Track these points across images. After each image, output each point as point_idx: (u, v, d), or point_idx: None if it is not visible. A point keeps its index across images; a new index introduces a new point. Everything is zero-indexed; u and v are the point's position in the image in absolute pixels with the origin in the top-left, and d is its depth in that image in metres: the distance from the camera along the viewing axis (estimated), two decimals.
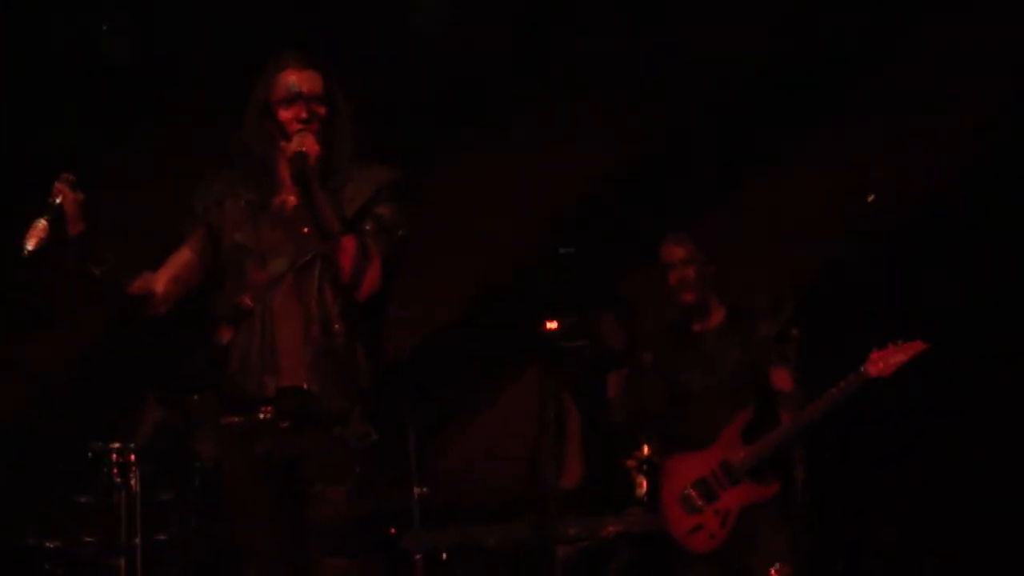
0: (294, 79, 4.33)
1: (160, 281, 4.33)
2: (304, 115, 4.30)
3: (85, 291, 4.25)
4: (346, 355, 4.25)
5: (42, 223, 4.03)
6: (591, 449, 6.72)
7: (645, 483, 6.02)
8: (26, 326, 7.02)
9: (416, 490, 6.39)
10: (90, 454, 6.46)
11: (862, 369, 5.50)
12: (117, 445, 6.42)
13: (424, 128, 7.11)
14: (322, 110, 4.33)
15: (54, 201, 4.08)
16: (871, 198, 6.29)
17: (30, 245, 4.00)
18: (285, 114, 4.32)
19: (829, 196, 6.94)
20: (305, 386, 4.21)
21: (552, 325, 6.19)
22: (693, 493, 5.68)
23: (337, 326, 4.24)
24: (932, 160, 6.96)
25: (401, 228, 4.30)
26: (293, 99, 4.31)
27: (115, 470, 6.38)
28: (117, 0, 7.10)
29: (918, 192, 6.99)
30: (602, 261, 6.92)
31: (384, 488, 5.85)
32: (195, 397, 6.34)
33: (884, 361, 5.48)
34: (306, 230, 4.26)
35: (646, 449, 5.98)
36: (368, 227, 4.24)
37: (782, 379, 5.70)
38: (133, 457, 6.38)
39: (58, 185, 4.10)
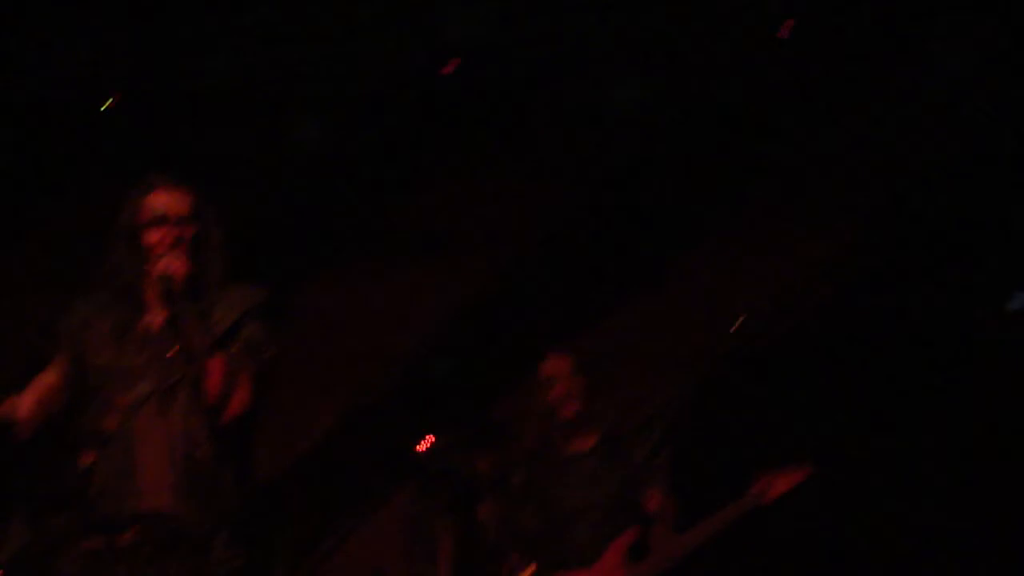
0: (160, 201, 4.31)
1: (24, 406, 4.26)
2: (170, 239, 4.28)
3: None
4: (212, 478, 4.20)
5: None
6: (464, 571, 6.67)
7: None
8: None
9: None
10: None
11: (747, 494, 5.54)
12: None
13: (296, 241, 7.11)
14: (190, 231, 4.31)
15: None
16: (737, 323, 6.38)
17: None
18: (151, 237, 4.29)
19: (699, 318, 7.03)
20: (168, 510, 4.15)
21: (424, 446, 6.18)
22: None
23: (202, 449, 4.20)
24: (803, 279, 7.05)
25: (269, 347, 4.28)
26: (159, 222, 4.29)
27: None
28: None
29: (790, 311, 7.07)
30: (473, 383, 6.94)
31: None
32: (57, 519, 6.21)
33: (767, 487, 5.52)
34: (171, 353, 4.22)
35: (528, 570, 5.96)
36: (234, 349, 4.21)
37: (654, 500, 5.73)
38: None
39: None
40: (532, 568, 5.75)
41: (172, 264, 4.22)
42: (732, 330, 6.43)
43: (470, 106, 6.80)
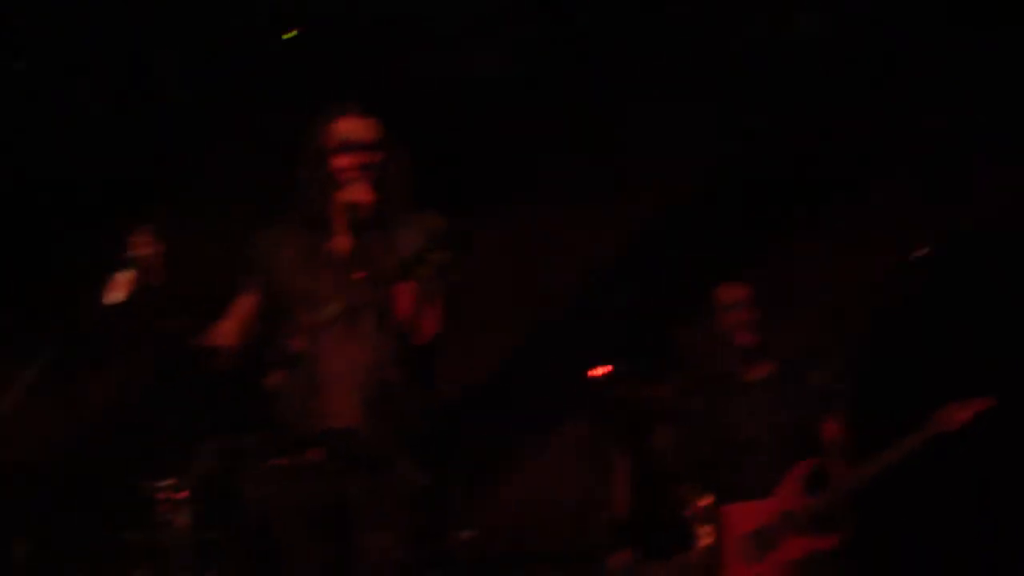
0: (348, 128, 4.40)
1: (227, 332, 4.40)
2: (357, 163, 4.36)
3: (158, 341, 4.31)
4: (397, 399, 4.30)
5: (128, 275, 4.08)
6: (639, 498, 6.70)
7: (704, 532, 5.96)
8: (79, 365, 7.08)
9: (464, 534, 6.40)
10: (140, 492, 6.48)
11: (927, 424, 5.48)
12: (167, 483, 6.45)
13: (472, 175, 7.15)
14: (376, 158, 4.38)
15: (137, 253, 4.14)
16: (920, 251, 6.27)
17: (118, 296, 4.05)
18: (339, 163, 4.38)
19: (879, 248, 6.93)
20: (355, 429, 4.25)
21: (599, 372, 6.20)
22: (752, 543, 5.66)
23: (388, 371, 4.28)
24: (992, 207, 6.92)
25: (455, 273, 4.34)
26: (347, 148, 4.38)
27: (164, 508, 6.40)
28: (175, 37, 7.18)
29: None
30: (649, 310, 6.93)
31: (432, 533, 5.86)
32: (245, 439, 6.38)
33: (949, 416, 5.46)
34: (358, 275, 4.30)
35: (705, 499, 5.94)
36: (423, 274, 4.28)
37: (831, 430, 5.70)
38: (183, 496, 6.41)
39: (139, 237, 4.16)
40: (708, 499, 5.76)
41: (358, 190, 4.31)
42: (915, 256, 6.32)
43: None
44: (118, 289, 4.07)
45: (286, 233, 4.47)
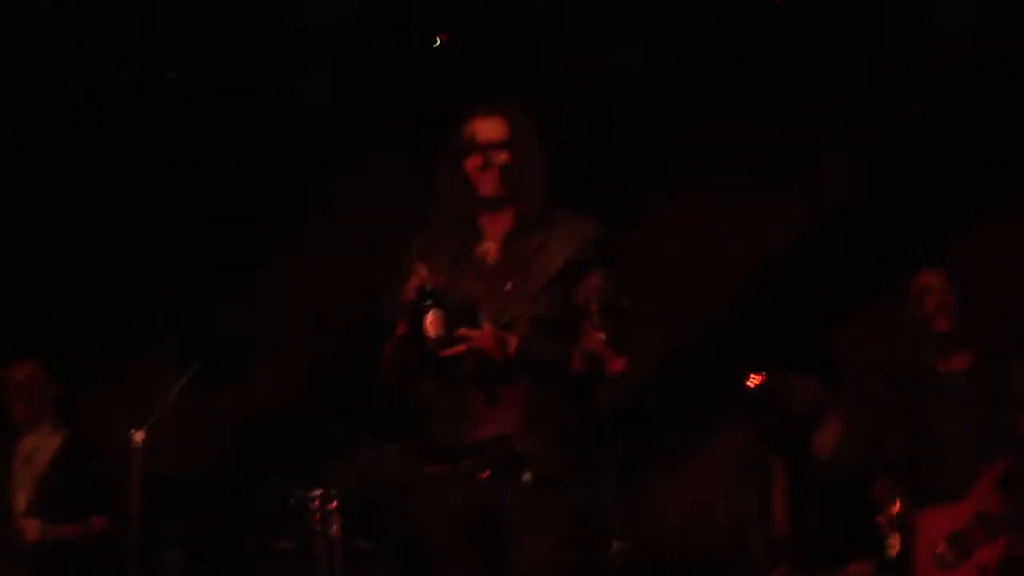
0: (476, 127, 4.38)
1: (438, 323, 4.32)
2: (483, 162, 4.33)
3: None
4: (555, 408, 4.22)
5: (439, 312, 4.14)
6: (799, 504, 6.56)
7: (897, 540, 5.74)
8: (230, 374, 7.15)
9: (616, 544, 6.34)
10: (292, 500, 6.51)
11: None
12: (319, 492, 6.47)
13: (620, 178, 7.08)
14: (502, 156, 4.34)
15: (429, 288, 4.15)
16: None
17: (437, 333, 4.12)
18: (468, 164, 4.36)
19: None
20: (510, 437, 4.18)
21: (754, 381, 6.08)
22: (947, 549, 5.45)
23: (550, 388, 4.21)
24: None
25: (624, 296, 4.24)
26: (472, 148, 4.36)
27: (316, 517, 6.42)
28: (314, 43, 7.22)
29: None
30: (805, 318, 6.78)
31: (586, 541, 5.78)
32: (396, 446, 6.39)
33: None
34: (509, 286, 4.24)
35: (898, 504, 5.73)
36: (593, 308, 4.17)
37: None
38: (333, 505, 6.42)
39: (426, 273, 4.17)
40: (897, 506, 5.56)
41: (483, 187, 4.31)
42: None
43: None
44: (434, 326, 4.13)
45: (434, 238, 4.42)
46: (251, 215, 7.59)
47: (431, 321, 4.13)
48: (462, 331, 4.15)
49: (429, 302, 4.14)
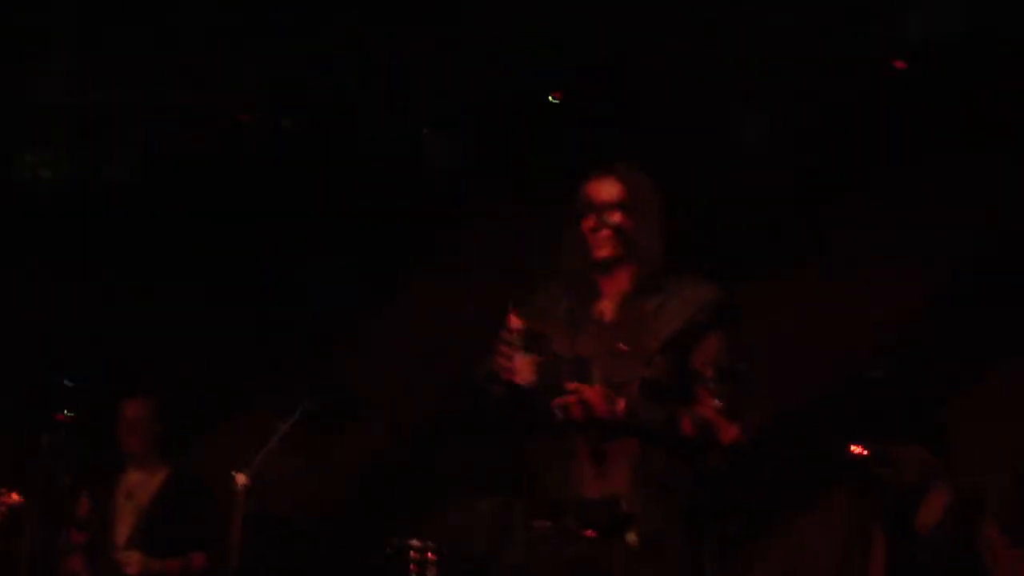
0: (590, 188, 4.42)
1: (528, 370, 4.33)
2: (598, 224, 4.35)
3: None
4: (664, 470, 4.21)
5: (530, 357, 4.19)
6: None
7: None
8: (342, 423, 7.20)
9: None
10: (389, 549, 6.52)
11: None
12: (416, 543, 6.48)
13: (735, 244, 7.06)
14: (616, 217, 4.36)
15: (519, 331, 4.19)
16: None
17: (525, 378, 4.18)
18: (584, 224, 4.40)
19: None
20: (618, 497, 4.17)
21: (857, 450, 6.03)
22: None
23: (659, 452, 4.21)
24: None
25: (741, 363, 4.26)
26: (591, 208, 4.39)
27: (413, 567, 6.43)
28: (438, 106, 7.29)
29: None
30: (914, 388, 6.70)
31: None
32: (496, 500, 6.38)
33: None
34: (624, 347, 4.24)
35: None
36: (709, 373, 4.19)
37: None
38: (432, 557, 6.42)
39: (516, 318, 4.21)
40: None
41: (598, 248, 4.34)
42: None
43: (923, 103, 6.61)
44: (525, 372, 4.17)
45: (554, 295, 4.45)
46: (369, 267, 7.65)
47: (520, 365, 4.16)
48: (573, 385, 4.16)
49: (519, 345, 4.16)
